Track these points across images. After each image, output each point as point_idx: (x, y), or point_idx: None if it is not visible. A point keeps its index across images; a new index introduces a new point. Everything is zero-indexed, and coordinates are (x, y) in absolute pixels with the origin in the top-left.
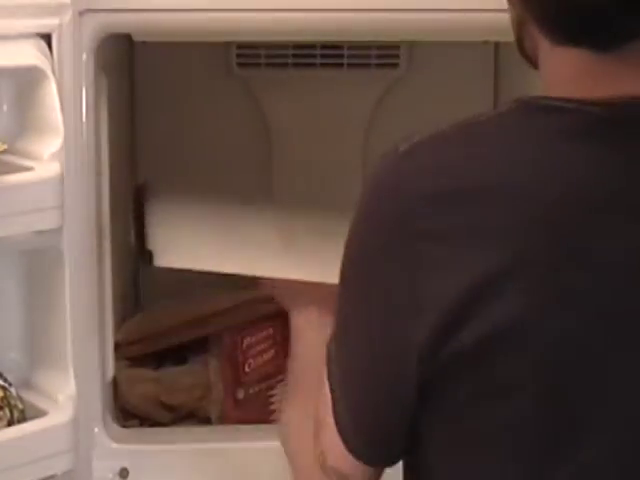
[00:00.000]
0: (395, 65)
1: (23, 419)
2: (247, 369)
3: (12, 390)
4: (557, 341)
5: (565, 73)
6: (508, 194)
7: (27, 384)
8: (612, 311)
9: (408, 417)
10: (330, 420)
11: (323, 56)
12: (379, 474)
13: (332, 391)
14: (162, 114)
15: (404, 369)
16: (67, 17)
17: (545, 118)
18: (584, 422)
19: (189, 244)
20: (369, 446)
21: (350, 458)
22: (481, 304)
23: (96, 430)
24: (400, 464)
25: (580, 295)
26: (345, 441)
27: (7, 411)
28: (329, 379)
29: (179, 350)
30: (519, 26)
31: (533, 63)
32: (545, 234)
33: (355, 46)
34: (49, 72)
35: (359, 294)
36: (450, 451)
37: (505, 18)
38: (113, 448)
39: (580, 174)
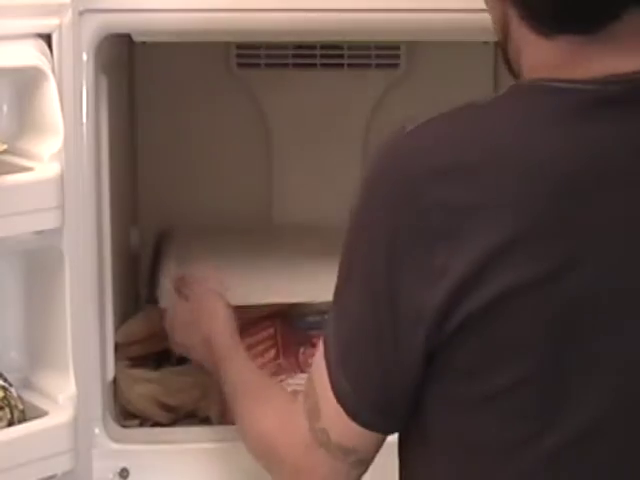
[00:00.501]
0: (395, 65)
1: (23, 419)
2: None
3: (12, 390)
4: (560, 306)
5: (555, 61)
6: (512, 167)
7: (27, 384)
8: (616, 279)
9: (414, 384)
10: (330, 395)
11: (323, 56)
12: (381, 444)
13: (328, 362)
14: (162, 114)
15: (412, 337)
16: (67, 17)
17: (545, 98)
18: (581, 384)
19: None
20: (374, 414)
21: (354, 431)
22: (491, 271)
23: (96, 430)
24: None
25: (584, 263)
26: (349, 412)
27: (7, 411)
28: (326, 351)
29: None
30: (503, 30)
31: (516, 73)
32: (549, 205)
33: (355, 46)
34: (49, 72)
35: (363, 270)
36: (451, 417)
37: None
38: (113, 448)
39: (582, 148)
